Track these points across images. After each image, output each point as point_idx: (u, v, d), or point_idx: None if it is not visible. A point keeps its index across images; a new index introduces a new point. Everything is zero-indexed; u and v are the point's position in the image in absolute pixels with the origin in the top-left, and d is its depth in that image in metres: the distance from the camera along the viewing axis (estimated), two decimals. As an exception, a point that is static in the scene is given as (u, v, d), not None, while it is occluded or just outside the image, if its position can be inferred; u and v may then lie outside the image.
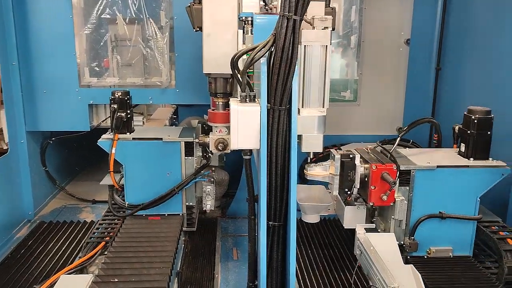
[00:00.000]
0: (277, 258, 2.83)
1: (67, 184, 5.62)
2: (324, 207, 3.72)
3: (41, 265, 3.76)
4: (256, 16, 2.87)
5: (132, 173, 3.95)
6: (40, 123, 4.64)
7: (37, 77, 4.54)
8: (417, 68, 5.37)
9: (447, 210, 3.47)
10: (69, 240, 4.19)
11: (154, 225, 3.86)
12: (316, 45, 2.75)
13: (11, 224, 4.38)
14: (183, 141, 3.93)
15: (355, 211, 3.63)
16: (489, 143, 3.49)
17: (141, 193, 3.94)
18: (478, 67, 4.53)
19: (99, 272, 3.09)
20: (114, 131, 3.85)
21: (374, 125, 5.49)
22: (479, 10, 4.57)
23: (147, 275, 3.09)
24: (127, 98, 3.91)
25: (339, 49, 5.50)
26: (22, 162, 4.60)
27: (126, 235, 3.66)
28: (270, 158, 2.63)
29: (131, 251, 3.40)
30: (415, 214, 3.46)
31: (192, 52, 4.47)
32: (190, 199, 4.10)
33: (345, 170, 3.39)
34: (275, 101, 2.55)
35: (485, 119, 3.45)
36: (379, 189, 3.29)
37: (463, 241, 3.54)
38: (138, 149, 3.90)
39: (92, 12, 4.52)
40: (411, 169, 3.40)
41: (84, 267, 3.46)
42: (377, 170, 3.28)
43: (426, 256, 3.54)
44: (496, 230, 3.55)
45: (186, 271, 3.78)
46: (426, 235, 3.49)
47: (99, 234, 3.84)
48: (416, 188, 3.43)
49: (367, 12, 5.24)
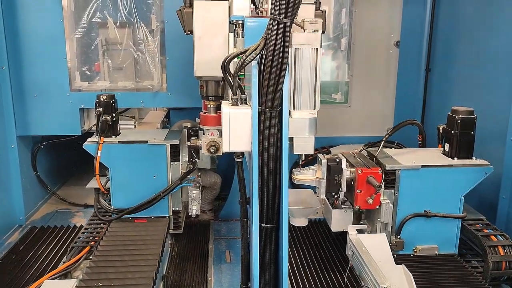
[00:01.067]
0: (270, 260, 2.84)
1: (58, 189, 5.59)
2: (312, 211, 3.76)
3: (32, 270, 3.72)
4: (247, 19, 2.89)
5: (118, 176, 3.93)
6: (30, 127, 4.61)
7: (28, 81, 4.50)
8: (407, 70, 5.44)
9: (432, 208, 3.52)
10: (60, 245, 4.16)
11: (140, 228, 3.84)
12: (307, 48, 2.77)
13: (2, 230, 4.35)
14: (168, 143, 3.92)
15: (342, 214, 3.69)
16: (473, 142, 3.56)
17: (127, 196, 3.93)
18: (468, 68, 4.58)
19: (83, 277, 3.08)
20: (99, 135, 3.84)
21: (364, 127, 5.54)
22: (468, 11, 4.62)
23: (131, 278, 3.08)
24: (113, 101, 3.90)
25: (330, 52, 5.54)
26: (13, 167, 4.56)
27: (111, 239, 3.64)
28: (262, 161, 2.64)
29: (117, 255, 3.38)
30: (401, 213, 3.52)
31: (183, 55, 4.47)
32: (177, 204, 4.08)
33: (331, 174, 3.43)
34: (266, 104, 2.56)
35: (469, 119, 3.52)
36: (365, 193, 3.36)
37: (448, 239, 3.60)
38: (124, 152, 3.89)
39: (83, 16, 4.50)
40: (396, 168, 3.45)
41: (69, 271, 3.43)
42: (362, 174, 3.34)
43: (412, 254, 3.59)
44: (480, 228, 3.62)
45: (175, 275, 3.77)
46: (412, 234, 3.54)
47: (84, 238, 3.81)
48: (401, 187, 3.48)
49: (357, 14, 5.29)
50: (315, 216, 3.78)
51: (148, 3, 4.54)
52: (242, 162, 2.83)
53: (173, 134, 4.13)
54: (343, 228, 3.72)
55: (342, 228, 3.72)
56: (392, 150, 3.87)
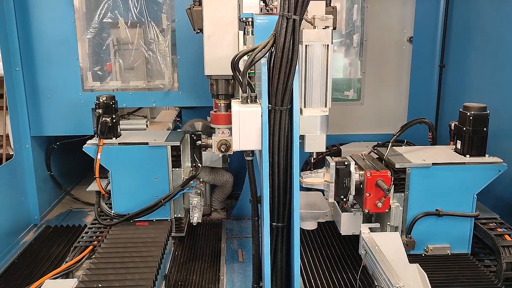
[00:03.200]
0: (281, 259, 2.82)
1: (72, 188, 5.65)
2: (322, 214, 3.73)
3: (45, 268, 3.77)
4: (256, 17, 2.87)
5: (118, 178, 3.90)
6: (44, 127, 4.66)
7: (41, 82, 4.55)
8: (421, 66, 5.34)
9: (444, 207, 3.45)
10: (73, 243, 4.19)
11: (141, 230, 3.82)
12: (318, 45, 2.73)
13: (17, 229, 4.41)
14: (169, 145, 3.86)
15: (352, 217, 3.65)
16: (485, 139, 3.48)
17: (128, 199, 3.90)
18: (483, 64, 4.49)
19: (82, 278, 3.09)
20: (99, 137, 3.81)
21: (377, 124, 5.47)
22: (483, 5, 4.52)
23: (131, 280, 3.09)
24: (113, 102, 3.87)
25: (342, 48, 5.48)
26: (27, 167, 4.62)
27: (112, 241, 3.63)
28: (272, 159, 2.62)
29: (117, 257, 3.38)
30: (412, 212, 3.46)
31: (194, 54, 4.47)
32: (179, 210, 4.04)
33: (340, 177, 3.39)
34: (276, 102, 2.54)
35: (481, 115, 3.44)
36: (374, 196, 3.31)
37: (460, 239, 3.53)
38: (124, 154, 3.85)
39: (94, 16, 4.53)
40: (407, 167, 3.40)
41: (71, 271, 3.45)
42: (371, 177, 3.30)
43: (424, 254, 3.53)
44: (494, 227, 3.54)
45: (180, 274, 3.76)
46: (423, 233, 3.48)
47: (87, 238, 3.82)
48: (412, 185, 3.43)
49: (369, 10, 5.22)
50: (325, 219, 3.75)
51: (158, 3, 4.55)
52: (252, 160, 2.81)
53: (175, 135, 4.08)
54: (353, 232, 3.68)
55: (352, 231, 3.69)
56: (402, 148, 3.81)
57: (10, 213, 4.29)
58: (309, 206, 3.76)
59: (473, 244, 3.62)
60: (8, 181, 4.30)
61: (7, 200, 4.23)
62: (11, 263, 3.87)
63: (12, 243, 4.20)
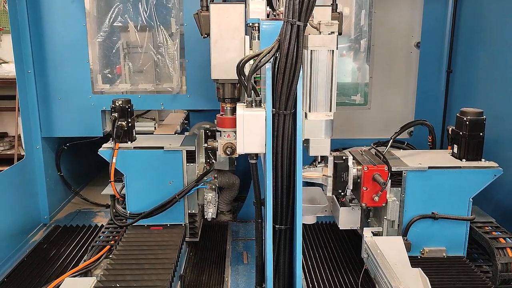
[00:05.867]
0: (284, 260, 2.85)
1: (81, 189, 5.73)
2: (321, 209, 3.76)
3: (55, 268, 3.85)
4: (262, 22, 2.91)
5: (133, 182, 3.93)
6: (54, 129, 4.74)
7: (52, 84, 4.63)
8: (428, 71, 5.34)
9: (439, 210, 3.49)
10: (82, 243, 4.28)
11: (156, 234, 3.87)
12: (323, 50, 2.76)
13: (27, 228, 4.49)
14: (184, 149, 3.89)
15: (350, 212, 3.67)
16: (482, 144, 3.51)
17: (143, 203, 3.92)
18: (490, 69, 4.48)
19: (100, 278, 3.14)
20: (114, 140, 3.84)
21: (384, 129, 5.46)
22: (491, 10, 4.52)
23: (148, 280, 3.14)
24: (128, 106, 3.90)
25: (350, 53, 5.51)
26: (38, 168, 4.70)
27: (128, 243, 3.69)
28: (276, 162, 2.66)
29: (133, 258, 3.43)
30: (408, 214, 3.49)
31: (202, 58, 4.51)
32: (193, 206, 4.06)
33: (338, 172, 3.40)
34: (280, 106, 2.58)
35: (477, 120, 3.47)
36: (371, 190, 3.33)
37: (456, 242, 3.56)
38: (139, 158, 3.89)
39: (105, 20, 4.61)
40: (403, 170, 3.43)
41: (89, 270, 3.51)
42: (368, 172, 3.32)
43: (420, 256, 3.56)
44: (489, 231, 3.57)
45: (192, 274, 3.81)
46: (419, 235, 3.51)
47: (104, 237, 3.90)
48: (408, 188, 3.46)
49: (376, 15, 5.24)
50: (323, 214, 3.78)
51: (167, 7, 4.62)
52: (256, 163, 2.85)
53: (189, 139, 4.12)
54: (351, 226, 3.71)
55: (350, 226, 3.71)
56: (400, 152, 3.85)
57: (21, 212, 4.37)
58: (308, 201, 3.79)
59: (472, 249, 3.65)
60: (19, 181, 4.38)
61: (18, 200, 4.31)
62: (21, 261, 3.95)
63: (21, 242, 4.28)
